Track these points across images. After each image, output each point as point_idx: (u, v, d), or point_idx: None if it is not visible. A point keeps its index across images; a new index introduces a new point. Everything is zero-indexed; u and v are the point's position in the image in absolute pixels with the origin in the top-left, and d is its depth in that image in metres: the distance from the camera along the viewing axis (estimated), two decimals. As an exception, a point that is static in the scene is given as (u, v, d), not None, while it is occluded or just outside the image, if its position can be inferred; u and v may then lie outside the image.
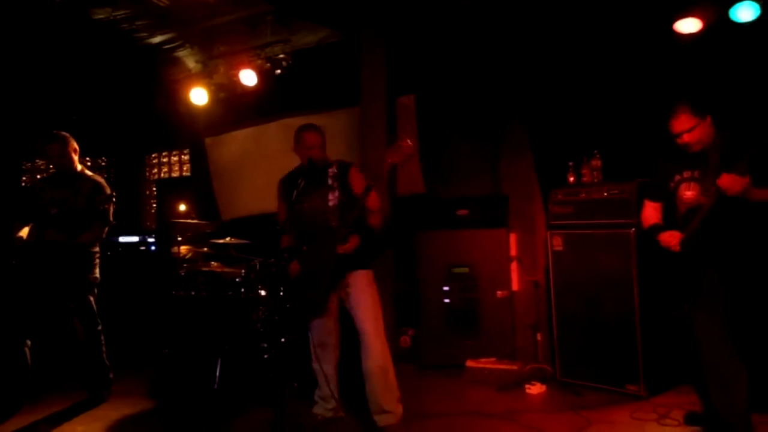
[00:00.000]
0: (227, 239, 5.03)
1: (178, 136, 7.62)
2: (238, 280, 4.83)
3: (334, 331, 3.72)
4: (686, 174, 3.23)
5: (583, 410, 3.86)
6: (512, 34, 4.87)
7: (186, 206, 7.18)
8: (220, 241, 5.07)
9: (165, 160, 8.31)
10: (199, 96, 6.25)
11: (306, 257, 3.59)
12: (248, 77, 5.80)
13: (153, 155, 8.37)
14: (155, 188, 8.28)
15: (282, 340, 4.64)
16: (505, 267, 5.06)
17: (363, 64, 4.82)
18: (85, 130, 5.18)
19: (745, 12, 3.85)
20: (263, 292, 4.74)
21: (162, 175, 8.34)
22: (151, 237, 6.81)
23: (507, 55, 5.03)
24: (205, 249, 5.26)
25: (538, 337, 4.91)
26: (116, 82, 6.71)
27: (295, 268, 3.60)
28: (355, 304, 3.58)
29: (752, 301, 3.44)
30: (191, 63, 6.48)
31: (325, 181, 3.63)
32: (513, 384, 4.45)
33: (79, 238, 4.10)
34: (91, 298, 4.27)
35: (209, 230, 5.64)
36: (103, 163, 8.14)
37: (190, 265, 5.20)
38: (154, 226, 7.92)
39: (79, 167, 4.32)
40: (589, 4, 4.39)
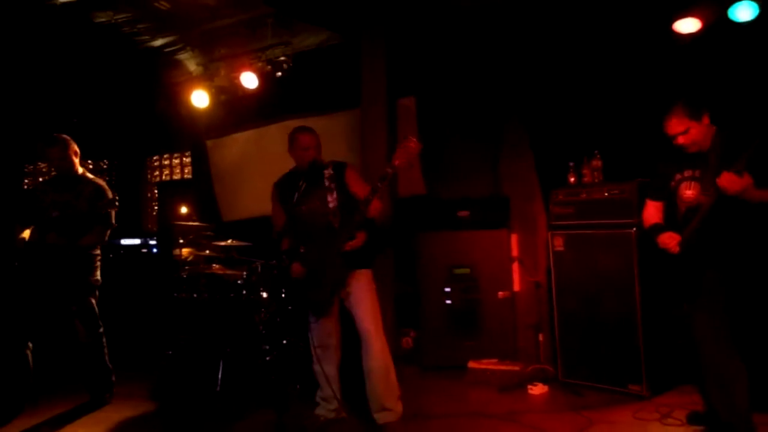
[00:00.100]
0: (229, 241, 5.04)
1: (180, 138, 7.64)
2: (239, 282, 4.83)
3: (335, 332, 3.72)
4: (687, 173, 3.23)
5: (585, 410, 3.86)
6: (512, 35, 4.88)
7: (187, 208, 7.19)
8: (222, 244, 5.07)
9: (166, 163, 8.33)
10: (200, 98, 6.27)
11: (307, 258, 3.59)
12: (249, 80, 5.81)
13: (154, 158, 8.39)
14: (157, 191, 8.29)
15: (284, 342, 4.65)
16: (506, 268, 5.07)
17: (363, 66, 4.83)
18: (87, 133, 5.20)
19: (744, 11, 3.85)
20: (265, 294, 4.74)
21: (163, 178, 8.35)
22: (152, 239, 6.82)
23: (507, 55, 5.04)
24: (207, 251, 5.26)
25: (540, 338, 4.91)
26: (117, 85, 6.74)
27: (298, 270, 3.61)
28: (356, 304, 3.58)
29: (752, 301, 3.44)
30: (192, 66, 6.50)
31: (322, 182, 3.63)
32: (515, 385, 4.45)
33: (80, 241, 4.11)
34: (93, 300, 4.27)
35: (209, 233, 5.64)
36: (105, 166, 8.16)
37: (191, 267, 5.21)
38: (156, 229, 7.93)
39: (80, 170, 4.33)
40: (589, 4, 4.40)
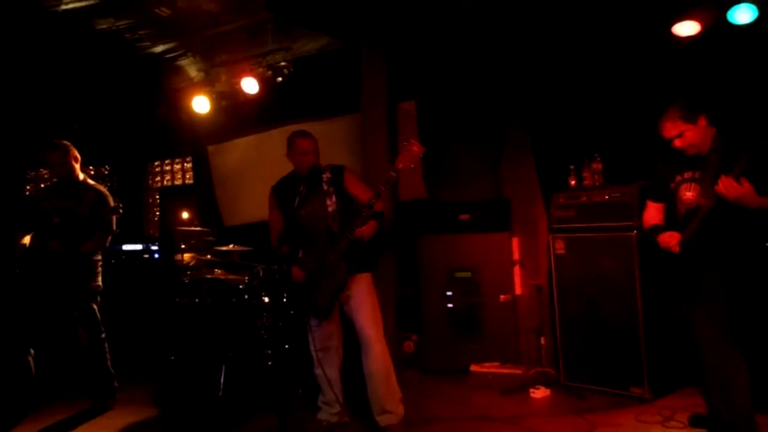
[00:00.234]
0: (230, 246, 5.04)
1: (181, 144, 7.66)
2: (241, 287, 4.84)
3: (336, 335, 3.73)
4: (687, 175, 3.24)
5: (588, 413, 3.86)
6: (512, 39, 4.89)
7: (189, 214, 7.20)
8: (224, 248, 5.08)
9: (168, 168, 8.34)
10: (201, 104, 6.28)
11: (307, 262, 3.60)
12: (250, 85, 5.82)
13: (156, 163, 8.41)
14: (158, 196, 8.30)
15: (286, 346, 4.65)
16: (507, 271, 5.07)
17: (364, 71, 4.84)
18: (89, 139, 5.21)
19: (743, 14, 3.86)
20: (267, 299, 4.75)
21: (165, 183, 8.37)
22: (154, 245, 6.83)
23: (507, 59, 5.05)
24: (209, 256, 5.27)
25: (542, 341, 4.91)
26: (119, 92, 6.75)
27: (298, 274, 3.61)
28: (356, 308, 3.59)
29: (752, 302, 3.43)
30: (193, 72, 6.51)
31: (321, 187, 3.64)
32: (517, 388, 4.45)
33: (81, 248, 4.12)
34: (95, 306, 4.28)
35: (210, 238, 5.65)
36: (106, 172, 8.18)
37: (193, 272, 5.22)
38: (158, 234, 7.94)
39: (81, 176, 4.34)
40: (588, 8, 4.41)
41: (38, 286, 4.10)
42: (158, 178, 8.43)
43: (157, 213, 8.29)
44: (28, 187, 8.00)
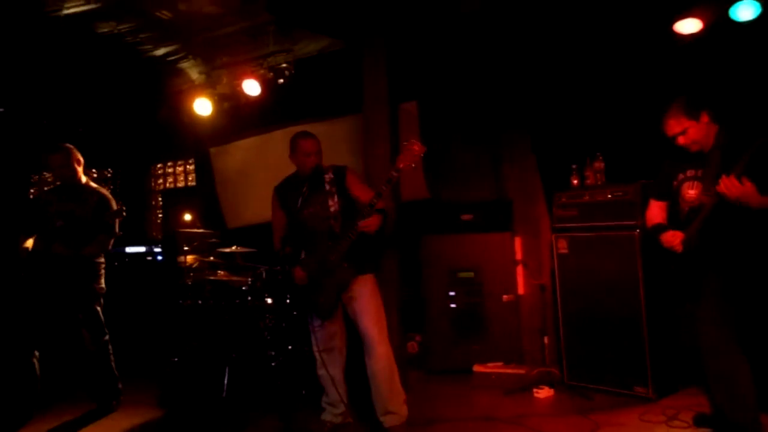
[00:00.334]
0: (233, 248, 5.05)
1: (183, 146, 7.67)
2: (244, 289, 4.84)
3: (340, 335, 3.73)
4: (689, 173, 3.23)
5: (591, 413, 3.85)
6: (513, 38, 4.89)
7: (191, 216, 7.20)
8: (227, 250, 5.09)
9: (170, 171, 8.36)
10: (202, 106, 6.29)
11: (309, 263, 3.61)
12: (251, 87, 5.84)
13: (158, 166, 8.43)
14: (161, 198, 8.32)
15: (289, 347, 4.65)
16: (510, 271, 5.07)
17: (365, 72, 4.84)
18: (92, 142, 5.23)
19: (746, 11, 3.86)
20: (270, 300, 4.75)
21: (167, 186, 8.38)
22: (157, 247, 6.84)
23: (508, 59, 5.05)
24: (212, 258, 5.27)
25: (545, 341, 4.91)
26: (121, 95, 6.77)
27: (300, 274, 3.61)
28: (359, 310, 3.58)
29: (755, 302, 3.42)
30: (194, 74, 6.53)
31: (323, 187, 3.65)
32: (520, 388, 4.44)
33: (84, 251, 4.13)
34: (98, 308, 4.29)
35: (213, 239, 5.66)
36: (109, 175, 8.19)
37: (196, 274, 5.22)
38: (161, 236, 7.95)
39: (83, 179, 4.35)
40: (589, 6, 4.40)
41: (42, 288, 4.11)
42: (161, 181, 8.45)
43: (160, 215, 8.30)
44: (32, 191, 8.02)
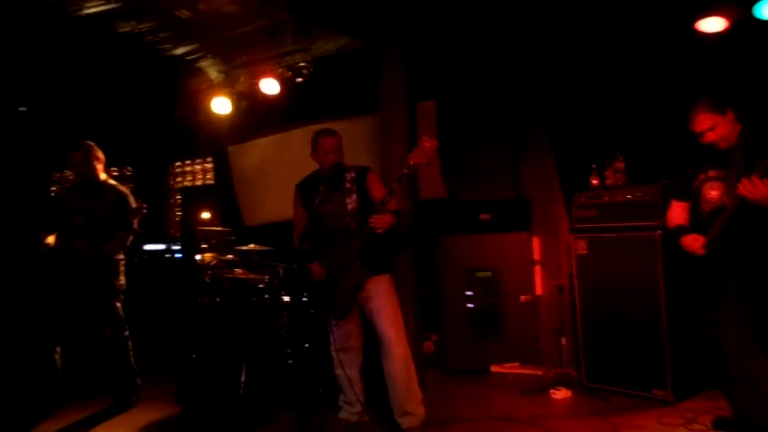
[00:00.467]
0: (251, 246, 5.07)
1: (201, 144, 7.72)
2: (262, 287, 4.86)
3: (356, 335, 3.73)
4: (711, 173, 3.18)
5: (609, 415, 3.82)
6: (532, 37, 4.85)
7: (209, 214, 7.25)
8: (244, 248, 5.12)
9: (189, 169, 8.40)
10: (221, 105, 6.33)
11: (326, 261, 3.61)
12: (269, 86, 5.86)
13: (177, 164, 8.48)
14: (179, 196, 8.38)
15: (306, 345, 4.67)
16: (528, 271, 5.04)
17: (383, 70, 4.84)
18: (112, 141, 5.27)
19: (770, 9, 3.80)
20: (287, 298, 4.77)
21: (186, 184, 8.44)
22: (176, 244, 6.89)
23: (527, 57, 5.02)
24: (230, 256, 5.30)
25: (563, 342, 4.87)
26: (141, 93, 6.83)
27: (318, 270, 3.62)
28: (376, 310, 3.58)
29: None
30: (213, 73, 6.57)
31: (344, 185, 3.65)
32: (538, 389, 4.42)
33: (104, 247, 4.17)
34: (118, 304, 4.34)
35: (231, 237, 5.69)
36: (129, 173, 8.26)
37: (214, 271, 5.25)
38: (179, 234, 8.01)
39: (102, 176, 4.40)
40: (609, 3, 4.36)
41: (63, 285, 4.17)
42: (179, 179, 8.49)
43: (179, 213, 8.36)
44: (53, 189, 8.11)
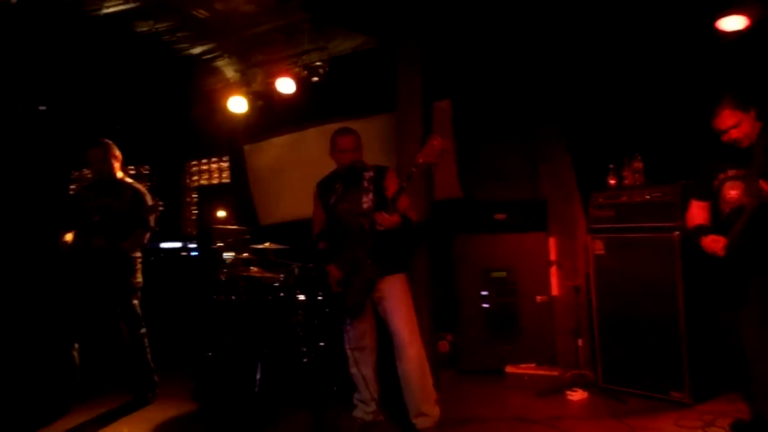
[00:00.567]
0: (266, 244, 5.10)
1: (218, 143, 7.76)
2: (277, 285, 4.88)
3: (370, 334, 3.73)
4: (731, 172, 3.15)
5: (626, 417, 3.79)
6: (549, 35, 4.82)
7: (225, 212, 7.30)
8: (260, 247, 5.14)
9: (205, 168, 8.46)
10: (237, 104, 6.36)
11: (341, 259, 3.62)
12: (286, 85, 5.88)
13: (193, 163, 8.54)
14: (195, 195, 8.44)
15: (321, 344, 4.68)
16: (544, 271, 5.02)
17: (399, 70, 4.84)
18: (130, 140, 5.32)
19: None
20: (302, 297, 4.79)
21: (202, 182, 8.49)
22: (192, 243, 6.94)
23: (543, 56, 4.99)
24: (245, 254, 5.33)
25: (579, 343, 4.83)
26: (158, 92, 6.88)
27: (335, 273, 3.62)
28: (390, 310, 3.58)
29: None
30: (230, 72, 6.60)
31: (361, 184, 3.65)
32: (553, 390, 4.39)
33: (121, 245, 4.21)
34: (135, 301, 4.38)
35: (247, 236, 5.72)
36: (147, 172, 8.33)
37: (230, 270, 5.28)
38: (195, 232, 8.06)
39: (119, 175, 4.44)
40: (628, 2, 4.32)
41: (82, 282, 4.22)
42: (195, 177, 8.55)
43: (195, 212, 8.42)
44: (72, 187, 8.20)
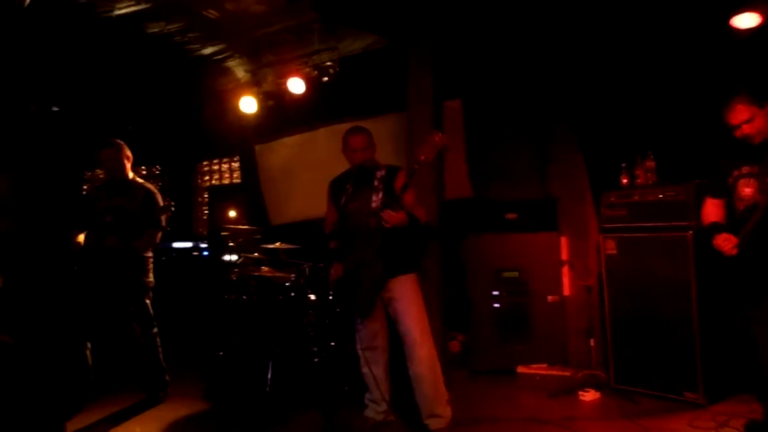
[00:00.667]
0: (277, 244, 5.10)
1: (229, 143, 7.78)
2: (288, 285, 4.89)
3: (382, 334, 3.72)
4: (745, 170, 3.11)
5: (639, 418, 3.76)
6: (560, 34, 4.80)
7: (236, 212, 7.31)
8: (270, 246, 5.15)
9: (216, 168, 8.48)
10: (248, 104, 6.39)
11: (350, 259, 3.62)
12: (296, 85, 5.89)
13: (204, 163, 8.56)
14: (207, 195, 8.46)
15: (332, 343, 4.68)
16: (556, 271, 4.99)
17: (410, 69, 4.83)
18: (141, 140, 5.35)
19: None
20: (313, 297, 4.79)
21: (213, 182, 8.52)
22: (203, 243, 6.97)
23: (555, 55, 4.96)
24: (256, 254, 5.34)
25: (591, 343, 4.80)
26: (169, 93, 6.92)
27: (335, 272, 3.62)
28: (400, 311, 3.57)
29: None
30: (240, 72, 6.62)
31: (372, 183, 3.65)
32: (566, 390, 4.37)
33: (134, 245, 4.23)
34: (148, 301, 4.40)
35: (257, 236, 5.73)
36: (158, 172, 8.36)
37: (241, 269, 5.30)
38: (207, 232, 8.09)
39: (130, 175, 4.46)
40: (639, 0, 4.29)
41: (94, 282, 4.24)
42: (207, 177, 8.57)
43: (206, 212, 8.44)
44: (85, 188, 8.25)
